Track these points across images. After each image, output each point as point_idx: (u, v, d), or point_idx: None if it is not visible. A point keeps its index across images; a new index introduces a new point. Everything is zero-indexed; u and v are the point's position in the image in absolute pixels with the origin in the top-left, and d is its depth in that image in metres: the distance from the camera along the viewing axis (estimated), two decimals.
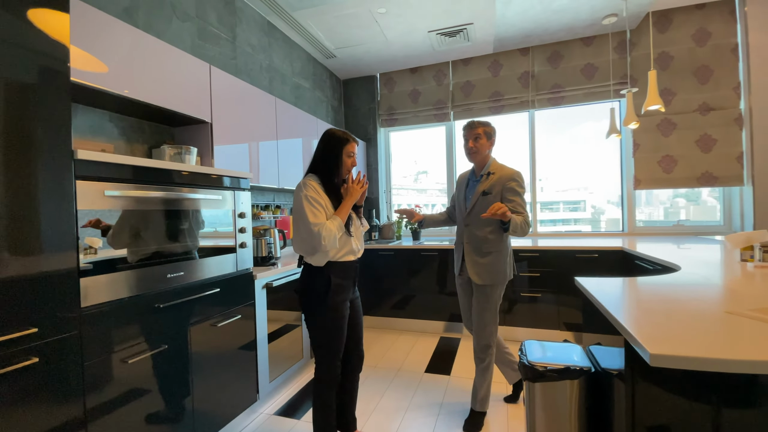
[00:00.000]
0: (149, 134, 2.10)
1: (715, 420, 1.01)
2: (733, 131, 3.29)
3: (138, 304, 1.47)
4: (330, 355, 1.66)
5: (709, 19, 3.30)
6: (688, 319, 1.04)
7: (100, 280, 1.32)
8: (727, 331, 0.95)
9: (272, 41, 3.18)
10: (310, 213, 1.57)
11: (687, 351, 0.82)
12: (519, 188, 1.97)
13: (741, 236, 1.96)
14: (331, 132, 1.72)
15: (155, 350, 1.51)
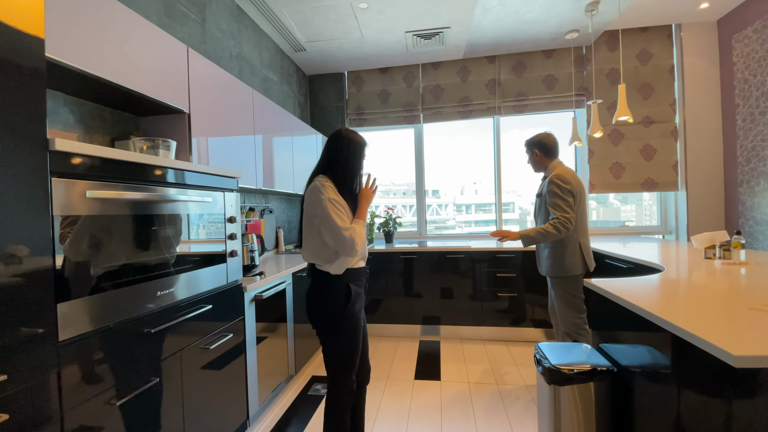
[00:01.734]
0: (111, 124, 1.76)
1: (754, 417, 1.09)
2: (669, 142, 3.72)
3: (125, 332, 1.20)
4: (348, 370, 1.53)
5: (650, 41, 3.70)
6: (723, 318, 1.09)
7: (80, 304, 1.05)
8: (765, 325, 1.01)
9: (242, 28, 2.90)
10: (337, 217, 1.44)
11: (763, 350, 0.85)
12: (555, 188, 2.18)
13: (705, 236, 2.19)
14: (352, 134, 1.60)
15: (145, 386, 1.25)
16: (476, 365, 2.77)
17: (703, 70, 3.56)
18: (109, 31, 1.38)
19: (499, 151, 4.13)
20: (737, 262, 1.96)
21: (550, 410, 1.57)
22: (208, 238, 1.64)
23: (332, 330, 1.52)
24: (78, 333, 1.04)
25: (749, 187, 3.20)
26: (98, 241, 1.11)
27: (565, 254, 2.21)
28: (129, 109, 1.80)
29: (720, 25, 3.47)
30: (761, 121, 3.04)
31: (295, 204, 3.87)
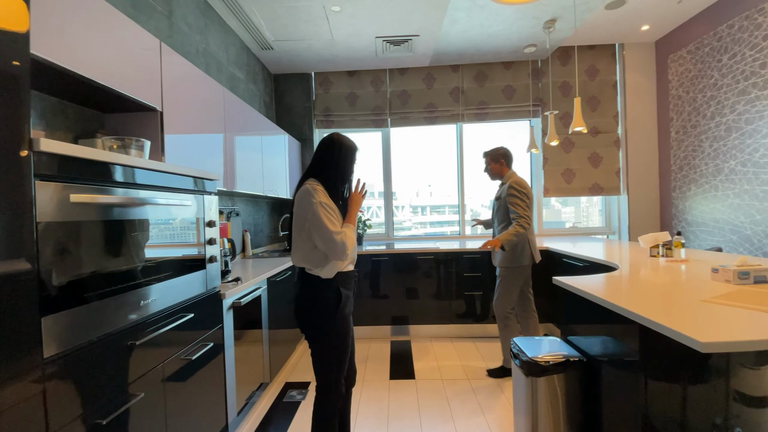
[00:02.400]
0: (74, 120, 1.63)
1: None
2: (613, 151, 4.09)
3: (110, 345, 1.12)
4: (338, 373, 1.54)
5: (597, 58, 4.05)
6: (681, 309, 1.25)
7: (65, 317, 0.97)
8: (720, 316, 1.17)
9: (209, 23, 2.79)
10: (329, 221, 1.44)
11: (726, 336, 0.99)
12: (516, 193, 2.50)
13: (650, 237, 2.44)
14: (344, 139, 1.61)
15: (132, 401, 1.17)
16: (447, 362, 2.87)
17: (642, 86, 3.96)
18: (75, 20, 1.28)
19: (462, 157, 4.30)
20: (678, 259, 2.22)
21: (527, 401, 1.68)
22: (188, 243, 1.56)
23: (323, 334, 1.51)
24: (63, 349, 0.96)
25: (681, 192, 3.62)
26: (82, 248, 1.03)
27: (517, 248, 2.53)
28: (93, 105, 1.67)
29: (658, 45, 3.89)
30: (692, 134, 3.45)
31: (261, 206, 3.76)
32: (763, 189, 2.80)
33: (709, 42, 3.21)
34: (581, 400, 1.63)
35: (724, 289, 1.48)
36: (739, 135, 2.98)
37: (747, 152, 2.92)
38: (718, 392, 1.36)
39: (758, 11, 2.76)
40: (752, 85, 2.84)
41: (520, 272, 2.58)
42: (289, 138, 3.68)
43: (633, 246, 3.03)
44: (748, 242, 2.93)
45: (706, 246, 3.33)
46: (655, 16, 3.40)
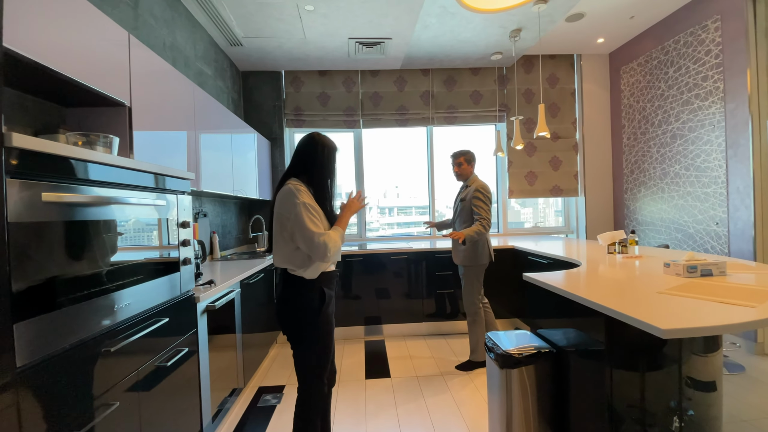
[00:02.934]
0: (33, 114, 1.51)
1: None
2: (571, 155, 4.34)
3: (85, 352, 1.06)
4: (321, 373, 1.55)
5: (558, 67, 4.28)
6: (641, 301, 1.36)
7: (38, 324, 0.91)
8: (675, 305, 1.29)
9: (176, 16, 2.68)
10: (311, 223, 1.44)
11: (683, 323, 1.10)
12: (481, 196, 2.68)
13: (608, 235, 2.63)
14: (325, 139, 1.62)
15: (108, 411, 1.11)
16: (421, 359, 2.93)
17: (597, 95, 4.24)
18: (36, 5, 1.20)
19: (432, 159, 4.39)
20: (633, 255, 2.40)
21: (501, 392, 1.76)
22: (162, 245, 1.50)
23: (306, 334, 1.51)
24: (36, 357, 0.90)
25: (632, 194, 3.91)
26: (55, 251, 0.97)
27: (478, 247, 2.72)
28: (55, 98, 1.57)
29: (611, 57, 4.18)
30: (642, 140, 3.73)
31: (230, 207, 3.65)
32: (704, 191, 3.09)
33: (657, 55, 3.50)
34: (552, 389, 1.73)
35: (676, 281, 1.63)
36: (683, 142, 3.27)
37: (690, 157, 3.21)
38: (673, 378, 1.50)
39: (701, 28, 3.05)
40: (695, 96, 3.13)
41: (481, 269, 2.75)
42: (258, 136, 3.60)
43: (591, 244, 3.23)
44: (691, 239, 3.22)
45: (654, 243, 3.62)
46: (610, 29, 3.65)
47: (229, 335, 2.17)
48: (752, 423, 1.95)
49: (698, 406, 1.58)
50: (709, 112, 3.00)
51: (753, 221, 2.70)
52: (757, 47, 2.70)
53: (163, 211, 1.50)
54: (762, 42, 2.69)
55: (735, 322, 1.09)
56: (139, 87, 1.73)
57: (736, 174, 2.82)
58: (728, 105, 2.85)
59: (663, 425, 1.48)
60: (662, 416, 1.48)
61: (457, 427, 2.04)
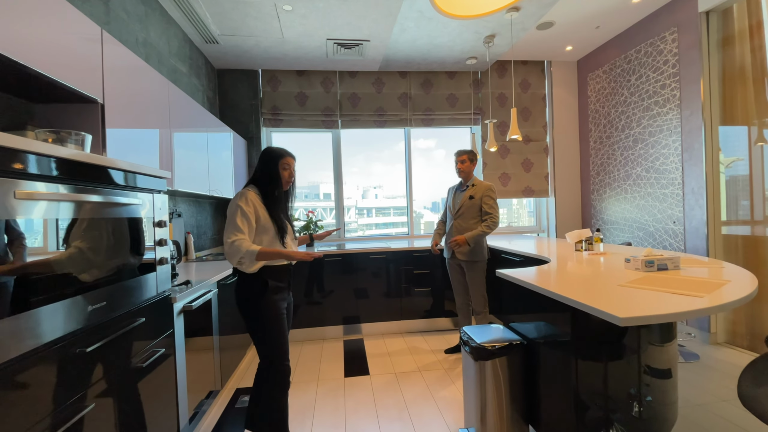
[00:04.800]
0: (0, 110, 1.47)
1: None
2: (542, 157, 4.51)
3: (59, 352, 1.04)
4: (281, 355, 1.75)
5: (529, 73, 4.45)
6: (603, 293, 1.46)
7: (11, 323, 0.90)
8: (633, 297, 1.39)
9: (149, 12, 2.62)
10: (233, 224, 1.66)
11: (639, 312, 1.19)
12: (493, 195, 2.87)
13: (575, 233, 2.76)
14: (269, 148, 1.85)
15: (83, 412, 1.10)
16: (399, 357, 2.98)
17: (566, 100, 4.43)
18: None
19: (410, 161, 4.47)
20: (598, 252, 2.54)
21: (475, 383, 1.83)
22: (138, 244, 1.48)
23: (255, 318, 1.72)
24: (6, 358, 0.88)
25: (598, 195, 4.11)
26: (26, 249, 0.95)
27: (483, 244, 2.89)
28: (22, 94, 1.52)
29: (579, 65, 4.38)
30: (607, 143, 3.93)
31: (204, 207, 3.59)
32: (663, 192, 3.30)
33: (621, 64, 3.70)
34: (523, 379, 1.82)
35: (635, 275, 1.75)
36: (644, 145, 3.47)
37: (650, 160, 3.41)
38: (632, 367, 1.61)
39: (660, 39, 3.25)
40: (654, 103, 3.34)
41: (485, 264, 2.90)
42: (235, 135, 3.56)
43: (560, 242, 3.38)
44: (652, 237, 3.42)
45: (619, 241, 3.82)
46: (577, 38, 3.83)
47: (207, 336, 2.15)
48: (705, 407, 2.11)
49: (656, 392, 1.70)
50: (667, 118, 3.21)
51: (705, 220, 2.90)
52: (710, 58, 2.91)
53: (139, 210, 1.48)
54: (714, 53, 2.91)
55: (684, 310, 1.20)
56: (112, 84, 1.70)
57: (691, 176, 3.03)
58: (684, 112, 3.06)
59: (624, 410, 1.59)
60: (623, 402, 1.59)
61: (434, 419, 2.10)
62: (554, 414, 1.64)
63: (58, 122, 1.63)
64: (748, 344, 2.78)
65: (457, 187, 3.06)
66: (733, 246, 2.85)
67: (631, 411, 1.61)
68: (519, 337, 1.86)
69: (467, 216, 2.91)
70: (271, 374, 1.75)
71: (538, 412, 1.75)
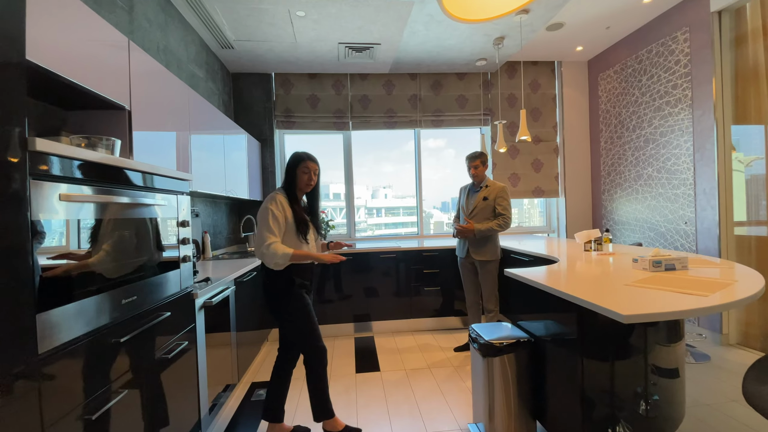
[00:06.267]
0: (35, 118, 1.56)
1: None
2: (552, 157, 4.52)
3: (96, 342, 1.13)
4: (314, 338, 1.90)
5: (539, 73, 4.46)
6: (609, 292, 1.50)
7: (57, 314, 0.98)
8: (639, 296, 1.43)
9: (169, 20, 2.73)
10: (267, 227, 1.80)
11: (643, 310, 1.23)
12: (506, 196, 2.94)
13: (584, 233, 2.78)
14: (294, 153, 2.00)
15: (117, 397, 1.19)
16: (409, 354, 3.04)
17: (577, 100, 4.43)
18: (46, 15, 1.26)
19: (420, 161, 4.52)
20: (607, 252, 2.56)
21: (484, 379, 1.88)
22: (164, 243, 1.57)
23: (285, 312, 1.88)
24: (54, 345, 0.97)
25: (609, 195, 4.10)
26: (70, 247, 1.04)
27: (497, 243, 2.99)
28: (55, 101, 1.62)
29: (590, 65, 4.37)
30: (618, 144, 3.93)
31: (220, 207, 3.70)
32: (674, 192, 3.29)
33: (632, 64, 3.70)
34: (530, 375, 1.86)
35: (642, 275, 1.78)
36: (655, 146, 3.46)
37: (661, 161, 3.40)
38: (639, 366, 1.64)
39: (671, 39, 3.24)
40: (666, 103, 3.33)
41: (497, 265, 2.98)
42: (249, 138, 3.66)
43: (570, 242, 3.40)
44: (663, 238, 3.42)
45: (629, 241, 3.81)
46: (588, 38, 3.84)
47: (224, 332, 2.24)
48: (714, 407, 2.12)
49: (663, 390, 1.73)
50: (679, 118, 3.20)
51: (717, 221, 2.89)
52: (722, 58, 2.90)
53: (165, 211, 1.57)
54: (727, 53, 2.89)
55: (687, 308, 1.23)
56: (138, 90, 1.79)
57: (702, 176, 3.02)
58: (696, 112, 3.05)
59: (630, 408, 1.62)
60: (630, 400, 1.62)
61: (443, 414, 2.15)
62: (561, 410, 1.68)
63: (89, 128, 1.73)
64: (761, 345, 2.77)
65: (470, 187, 3.12)
66: (746, 247, 2.84)
67: (638, 409, 1.64)
68: (527, 335, 1.90)
69: (481, 217, 2.97)
70: (310, 357, 1.91)
71: (546, 408, 1.79)
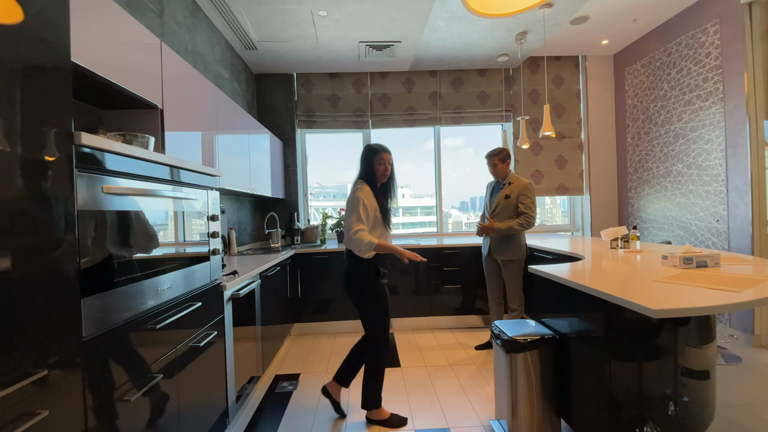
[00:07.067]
0: (75, 115, 1.65)
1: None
2: (577, 154, 4.43)
3: (135, 328, 1.20)
4: (382, 326, 2.02)
5: (563, 68, 4.37)
6: (637, 288, 1.47)
7: (99, 300, 1.04)
8: (669, 291, 1.40)
9: (196, 22, 2.82)
10: (356, 215, 1.90)
11: (673, 305, 1.20)
12: (529, 194, 2.85)
13: (610, 231, 2.72)
14: (367, 146, 2.09)
15: (152, 382, 1.25)
16: (429, 351, 3.05)
17: (602, 95, 4.32)
18: (88, 18, 1.33)
19: (439, 159, 4.51)
20: (634, 250, 2.50)
21: (506, 375, 1.87)
22: (195, 235, 1.64)
23: (367, 299, 1.99)
24: (97, 330, 1.03)
25: (636, 193, 3.99)
26: (112, 236, 1.10)
27: (520, 241, 2.93)
28: (92, 101, 1.70)
29: (616, 59, 4.26)
30: (645, 140, 3.82)
31: (245, 204, 3.79)
32: (705, 189, 3.18)
33: (660, 57, 3.59)
34: (554, 373, 1.84)
35: (672, 272, 1.73)
36: (685, 141, 3.35)
37: (692, 156, 3.29)
38: (669, 368, 1.59)
39: (701, 31, 3.13)
40: (696, 96, 3.22)
41: (522, 262, 2.92)
42: (272, 137, 3.74)
43: (595, 240, 3.33)
44: (693, 236, 3.30)
45: (658, 240, 3.70)
46: (614, 31, 3.74)
47: (250, 325, 2.30)
48: (746, 408, 2.05)
49: (693, 392, 1.68)
50: (710, 113, 3.09)
51: (751, 218, 2.78)
52: (753, 50, 2.78)
53: (197, 205, 1.63)
54: (758, 45, 2.77)
55: (719, 303, 1.20)
56: (169, 90, 1.87)
57: (735, 172, 2.90)
58: (727, 105, 2.93)
59: (659, 410, 1.58)
60: (658, 401, 1.58)
61: (465, 411, 2.15)
62: (587, 409, 1.65)
63: (123, 126, 1.81)
64: None
65: (494, 184, 3.07)
66: None
67: (667, 410, 1.59)
68: (551, 332, 1.88)
69: (503, 215, 2.91)
70: (375, 346, 2.03)
71: (571, 406, 1.77)
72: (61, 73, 0.94)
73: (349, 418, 2.13)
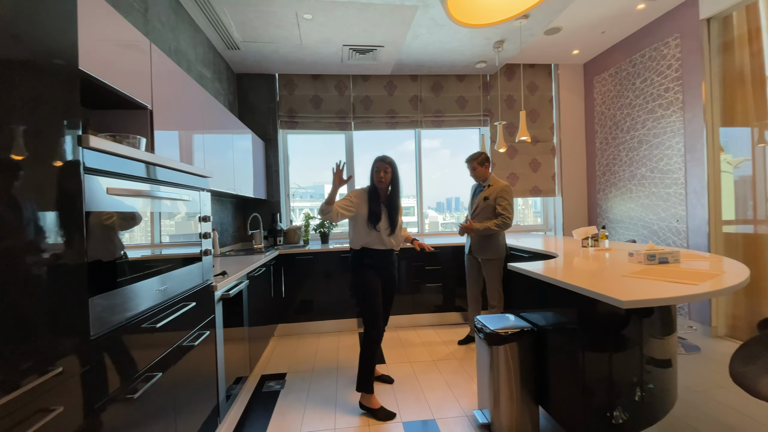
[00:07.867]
0: None
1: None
2: (549, 158, 4.65)
3: (137, 327, 1.21)
4: (372, 314, 2.22)
5: (537, 75, 4.58)
6: (607, 282, 1.60)
7: (105, 299, 1.06)
8: (635, 285, 1.54)
9: (179, 21, 2.79)
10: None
11: (639, 297, 1.34)
12: (506, 196, 2.96)
13: (582, 230, 2.90)
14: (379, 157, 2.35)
15: (153, 380, 1.27)
16: (413, 348, 3.14)
17: (573, 102, 4.56)
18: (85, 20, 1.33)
19: (420, 161, 4.61)
20: (604, 248, 2.67)
21: (489, 366, 1.98)
22: (188, 235, 1.65)
23: (354, 287, 2.32)
24: (103, 329, 1.05)
25: (604, 194, 4.23)
26: (116, 236, 1.12)
27: (500, 242, 3.05)
28: (81, 101, 1.68)
29: (586, 68, 4.51)
30: (612, 144, 4.06)
31: (226, 205, 3.76)
32: (666, 191, 3.42)
33: (626, 67, 3.83)
34: (533, 363, 1.96)
35: (638, 268, 1.89)
36: (648, 147, 3.60)
37: (654, 161, 3.54)
38: (635, 357, 1.74)
39: (664, 44, 3.38)
40: (658, 105, 3.46)
41: (502, 261, 3.04)
42: (254, 137, 3.73)
43: (567, 239, 3.52)
44: (656, 235, 3.55)
45: (624, 239, 3.95)
46: (584, 42, 3.96)
47: (238, 325, 2.31)
48: (704, 393, 2.25)
49: (657, 379, 1.84)
50: (671, 120, 3.34)
51: (707, 218, 3.03)
52: (711, 63, 3.04)
53: (191, 206, 1.65)
54: (715, 58, 3.03)
55: (680, 294, 1.34)
56: (158, 91, 1.87)
57: (693, 176, 3.15)
58: (686, 114, 3.18)
59: (627, 395, 1.73)
60: (626, 388, 1.72)
61: (449, 402, 2.25)
62: (563, 396, 1.78)
63: (110, 125, 1.80)
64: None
65: (476, 186, 3.21)
66: (733, 244, 2.98)
67: (634, 396, 1.74)
68: (530, 325, 2.00)
69: (482, 216, 3.04)
70: (366, 331, 2.24)
71: (548, 394, 1.89)
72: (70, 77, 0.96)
73: (338, 413, 2.19)
